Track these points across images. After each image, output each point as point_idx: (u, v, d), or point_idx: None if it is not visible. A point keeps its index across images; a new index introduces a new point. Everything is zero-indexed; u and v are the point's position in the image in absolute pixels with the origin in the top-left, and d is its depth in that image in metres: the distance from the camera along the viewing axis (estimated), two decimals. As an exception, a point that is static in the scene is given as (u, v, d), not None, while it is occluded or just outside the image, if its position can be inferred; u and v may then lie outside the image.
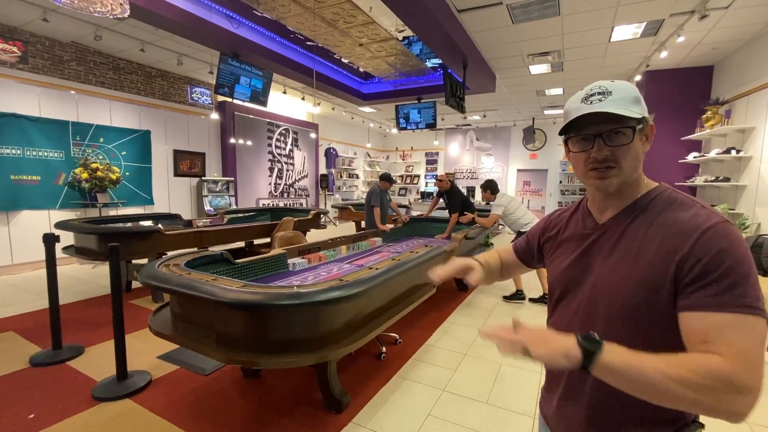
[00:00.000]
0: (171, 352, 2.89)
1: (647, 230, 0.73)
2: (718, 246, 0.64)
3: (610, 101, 0.73)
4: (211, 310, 1.87)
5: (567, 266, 0.86)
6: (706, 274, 0.63)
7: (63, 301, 3.90)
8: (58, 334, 2.83)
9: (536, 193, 12.46)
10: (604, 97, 0.73)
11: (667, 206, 0.74)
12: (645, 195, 0.78)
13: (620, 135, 0.73)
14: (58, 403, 2.25)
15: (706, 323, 0.62)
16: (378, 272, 2.19)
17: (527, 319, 0.70)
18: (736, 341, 0.60)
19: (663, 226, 0.71)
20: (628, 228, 0.76)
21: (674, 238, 0.68)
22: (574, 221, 0.90)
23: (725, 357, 0.58)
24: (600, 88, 0.75)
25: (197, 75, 7.29)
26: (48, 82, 5.45)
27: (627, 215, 0.78)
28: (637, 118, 0.72)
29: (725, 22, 4.51)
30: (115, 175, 5.87)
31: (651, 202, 0.76)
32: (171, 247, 4.22)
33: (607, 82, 0.76)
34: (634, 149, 0.74)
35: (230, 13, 5.01)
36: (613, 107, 0.71)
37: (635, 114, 0.72)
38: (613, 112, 0.71)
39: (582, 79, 6.97)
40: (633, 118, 0.72)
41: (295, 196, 10.08)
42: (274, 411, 2.23)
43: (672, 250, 0.68)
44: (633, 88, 0.75)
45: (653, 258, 0.70)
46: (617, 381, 0.61)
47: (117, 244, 2.42)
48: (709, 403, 0.57)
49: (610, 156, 0.74)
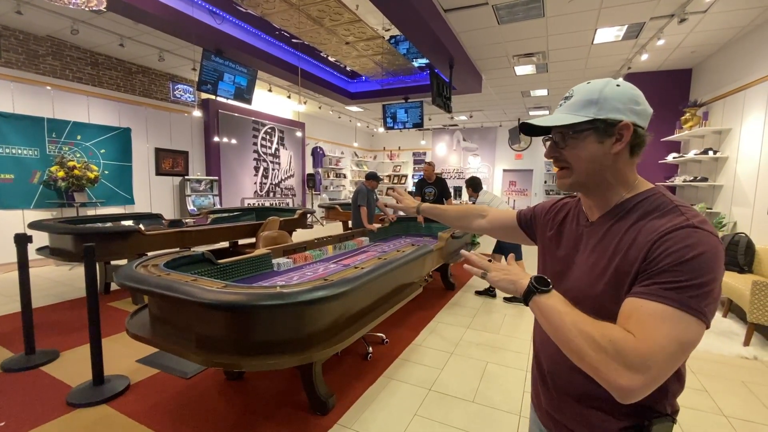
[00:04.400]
0: (151, 356, 2.81)
1: (626, 233, 0.74)
2: (683, 247, 0.64)
3: (564, 107, 0.78)
4: (191, 311, 1.82)
5: (556, 258, 0.90)
6: (663, 271, 0.64)
7: (38, 304, 3.77)
8: (31, 338, 2.72)
9: (522, 193, 12.62)
10: (566, 101, 0.78)
11: (650, 211, 0.73)
12: (633, 197, 0.77)
13: (569, 137, 0.77)
14: (31, 410, 2.16)
15: (637, 306, 0.64)
16: (363, 272, 2.17)
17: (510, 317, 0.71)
18: (652, 326, 0.61)
19: (639, 229, 0.72)
20: (610, 229, 0.77)
21: (644, 240, 0.69)
22: (572, 215, 0.92)
23: (633, 333, 0.61)
24: (570, 91, 0.79)
25: (180, 71, 7.13)
26: (22, 77, 5.25)
27: (611, 216, 0.78)
28: (584, 122, 0.73)
29: (703, 26, 4.64)
30: (93, 174, 5.69)
31: (637, 205, 0.76)
32: (152, 247, 4.11)
33: (581, 84, 0.78)
34: (587, 151, 0.75)
35: (213, 8, 4.91)
36: (553, 118, 0.77)
37: (578, 118, 0.74)
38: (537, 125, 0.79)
39: (566, 80, 7.08)
40: (581, 122, 0.74)
41: (282, 196, 9.97)
42: (258, 414, 2.18)
43: (639, 251, 0.69)
44: (591, 91, 0.75)
45: (623, 258, 0.71)
46: (541, 320, 0.71)
47: (93, 245, 2.34)
48: (596, 363, 0.61)
49: (560, 157, 0.79)
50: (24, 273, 2.70)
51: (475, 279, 5.32)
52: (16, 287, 2.77)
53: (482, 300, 4.39)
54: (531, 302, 0.73)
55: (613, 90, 0.74)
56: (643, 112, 0.75)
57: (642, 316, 0.62)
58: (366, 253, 3.81)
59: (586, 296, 0.76)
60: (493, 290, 4.48)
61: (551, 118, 0.77)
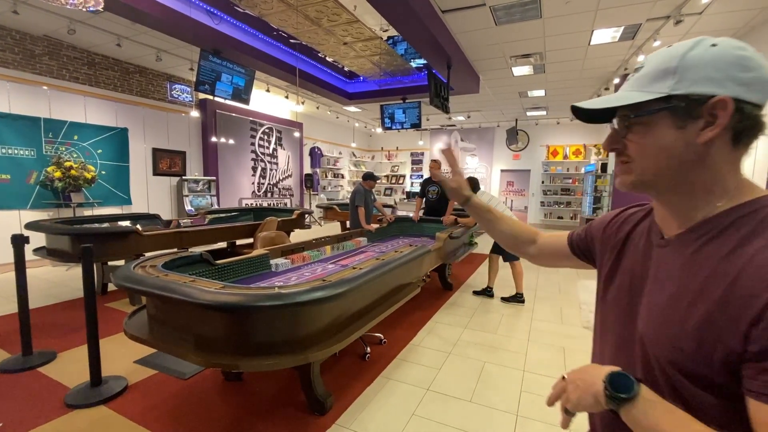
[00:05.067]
0: (148, 357, 2.81)
1: (722, 262, 0.51)
2: None
3: (630, 81, 0.58)
4: (189, 312, 1.82)
5: (618, 288, 0.68)
6: None
7: (35, 305, 3.76)
8: (28, 339, 2.71)
9: (519, 193, 12.67)
10: (633, 75, 0.58)
11: (761, 231, 0.50)
12: (733, 209, 0.54)
13: (633, 122, 0.57)
14: (29, 411, 2.15)
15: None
16: (362, 272, 2.18)
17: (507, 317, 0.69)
18: None
19: (746, 260, 0.48)
20: (698, 253, 0.54)
21: (756, 281, 0.46)
22: (641, 229, 0.69)
23: None
24: (640, 61, 0.59)
25: (177, 71, 7.12)
26: (18, 77, 5.22)
27: (698, 235, 0.55)
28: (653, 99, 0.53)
29: (699, 28, 4.67)
30: (90, 174, 5.67)
31: (740, 221, 0.52)
32: (149, 248, 4.10)
33: (657, 51, 0.57)
34: (657, 139, 0.54)
35: (211, 8, 4.90)
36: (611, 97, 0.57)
37: (644, 95, 0.54)
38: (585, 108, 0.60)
39: (563, 81, 7.10)
40: (648, 101, 0.53)
41: (279, 196, 9.96)
42: (256, 414, 2.18)
43: (747, 298, 0.46)
44: (669, 56, 0.53)
45: (721, 306, 0.48)
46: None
47: (90, 246, 2.34)
48: None
49: (621, 148, 0.60)
50: (21, 274, 2.69)
51: (473, 278, 5.34)
52: (12, 288, 2.76)
53: (480, 300, 4.40)
54: (624, 417, 0.51)
55: (703, 52, 0.51)
56: (756, 80, 0.50)
57: None
58: (364, 254, 3.82)
59: (653, 347, 0.56)
60: (490, 290, 4.49)
61: (609, 97, 0.58)
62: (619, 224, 0.74)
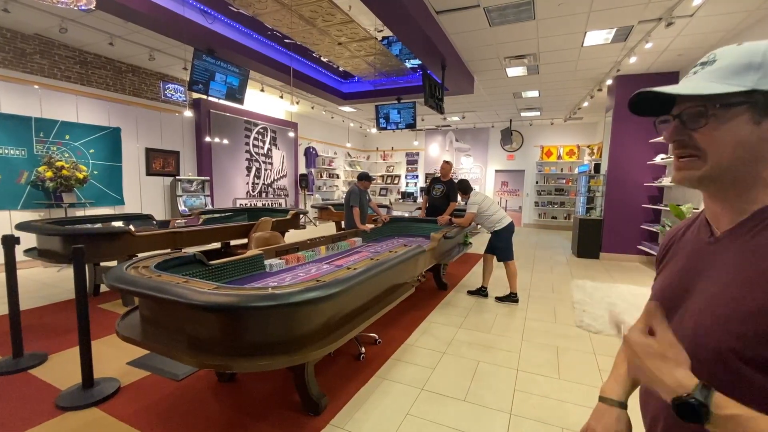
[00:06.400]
0: (141, 358, 2.79)
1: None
2: None
3: (702, 73, 0.57)
4: (182, 313, 1.82)
5: (666, 284, 0.69)
6: None
7: (26, 306, 3.72)
8: (18, 340, 2.68)
9: (514, 194, 12.74)
10: (703, 68, 0.58)
11: None
12: None
13: (710, 114, 0.56)
14: (19, 413, 2.13)
15: None
16: (356, 272, 2.18)
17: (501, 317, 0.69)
18: None
19: None
20: (753, 241, 0.55)
21: None
22: (690, 231, 0.71)
23: None
24: (708, 56, 0.59)
25: (170, 71, 7.07)
26: (9, 76, 5.16)
27: (752, 224, 0.57)
28: (737, 92, 0.53)
29: (690, 30, 4.72)
30: (82, 174, 5.62)
31: None
32: (143, 248, 4.07)
33: (729, 47, 0.57)
34: (734, 134, 0.54)
35: (204, 7, 4.88)
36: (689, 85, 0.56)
37: (728, 87, 0.53)
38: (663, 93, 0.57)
39: (557, 82, 7.15)
40: (733, 93, 0.53)
41: (274, 196, 9.92)
42: (250, 415, 2.18)
43: None
44: (751, 51, 0.54)
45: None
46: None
47: (81, 246, 2.32)
48: None
49: (688, 141, 0.59)
50: (11, 275, 2.66)
51: (467, 278, 5.36)
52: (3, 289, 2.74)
53: (474, 300, 4.42)
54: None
55: None
56: None
57: None
58: (359, 254, 3.82)
59: (706, 338, 0.55)
60: (485, 290, 4.52)
61: (687, 85, 0.57)
62: (671, 234, 0.77)
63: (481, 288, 4.53)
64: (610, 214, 6.87)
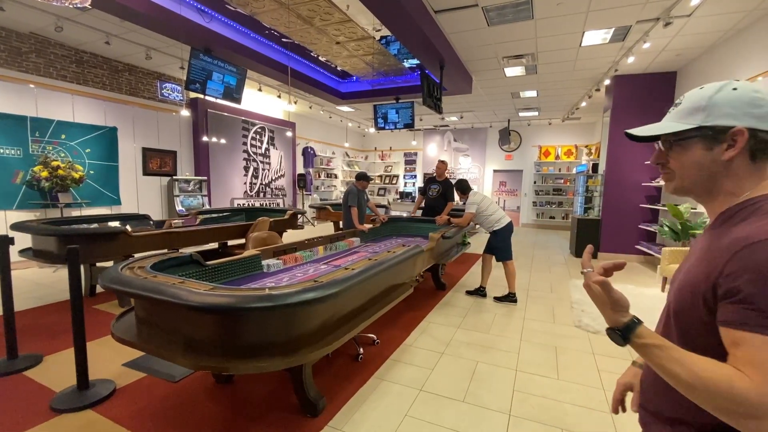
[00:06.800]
0: (137, 359, 2.76)
1: (718, 240, 0.70)
2: (754, 263, 0.60)
3: (671, 114, 0.79)
4: (178, 314, 1.80)
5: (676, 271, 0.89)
6: (735, 290, 0.62)
7: (20, 307, 3.68)
8: (13, 342, 2.66)
9: (512, 194, 12.75)
10: (674, 108, 0.79)
11: (746, 217, 0.69)
12: (742, 203, 0.72)
13: (675, 145, 0.77)
14: (13, 416, 2.11)
15: (732, 338, 0.63)
16: (354, 272, 2.17)
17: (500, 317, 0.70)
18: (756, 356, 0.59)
19: (727, 237, 0.68)
20: (713, 234, 0.74)
21: (723, 250, 0.66)
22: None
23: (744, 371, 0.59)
24: (679, 98, 0.79)
25: (167, 70, 7.03)
26: (4, 75, 5.12)
27: (719, 222, 0.75)
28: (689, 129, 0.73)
29: (688, 30, 4.73)
30: (78, 174, 5.58)
31: (739, 213, 0.71)
32: (139, 249, 4.05)
33: (693, 90, 0.77)
34: (692, 158, 0.75)
35: (202, 6, 4.85)
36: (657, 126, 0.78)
37: (681, 126, 0.74)
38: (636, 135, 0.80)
39: (555, 81, 7.15)
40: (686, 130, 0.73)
41: (272, 196, 9.89)
42: (247, 417, 2.16)
43: (715, 263, 0.67)
44: (700, 97, 0.73)
45: (705, 268, 0.69)
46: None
47: (76, 246, 2.29)
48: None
49: (665, 163, 0.81)
50: (6, 275, 2.63)
51: (466, 278, 5.35)
52: (-3, 290, 2.72)
53: (473, 300, 4.41)
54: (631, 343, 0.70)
55: (726, 94, 0.71)
56: (767, 114, 0.69)
57: (741, 348, 0.61)
58: (357, 254, 3.80)
59: (670, 306, 0.76)
60: (483, 290, 4.50)
61: (656, 126, 0.78)
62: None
63: (479, 288, 4.52)
64: (608, 214, 6.88)
